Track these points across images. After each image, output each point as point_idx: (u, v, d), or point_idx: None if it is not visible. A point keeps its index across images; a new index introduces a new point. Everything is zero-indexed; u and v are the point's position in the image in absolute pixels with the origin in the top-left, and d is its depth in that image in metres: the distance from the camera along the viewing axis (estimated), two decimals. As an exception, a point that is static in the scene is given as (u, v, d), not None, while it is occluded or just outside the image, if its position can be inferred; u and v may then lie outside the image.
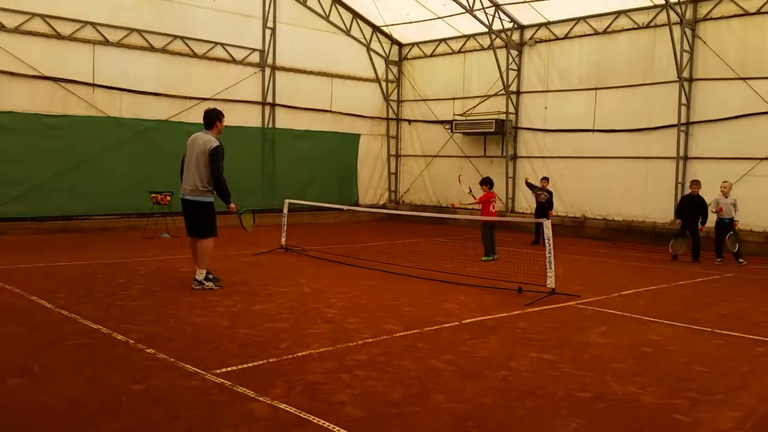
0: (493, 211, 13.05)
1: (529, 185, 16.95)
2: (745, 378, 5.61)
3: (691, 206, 13.86)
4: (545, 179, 16.63)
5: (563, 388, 5.13)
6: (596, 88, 17.75)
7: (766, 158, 14.79)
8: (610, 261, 13.34)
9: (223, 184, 8.77)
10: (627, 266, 12.60)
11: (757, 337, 7.07)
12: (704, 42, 15.72)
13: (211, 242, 8.88)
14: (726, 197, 13.41)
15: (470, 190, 13.45)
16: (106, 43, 16.41)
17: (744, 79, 15.02)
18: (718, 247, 13.46)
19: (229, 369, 5.35)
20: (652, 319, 7.86)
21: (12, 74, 15.04)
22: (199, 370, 5.29)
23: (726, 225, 13.36)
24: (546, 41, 18.94)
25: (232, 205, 9.08)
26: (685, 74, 15.91)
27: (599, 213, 17.88)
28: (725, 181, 13.71)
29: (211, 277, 8.90)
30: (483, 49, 20.30)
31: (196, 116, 17.92)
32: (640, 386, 5.24)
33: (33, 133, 15.34)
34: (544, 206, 16.02)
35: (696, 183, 14.04)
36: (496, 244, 12.98)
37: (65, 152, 15.73)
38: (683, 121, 16.03)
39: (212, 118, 9.01)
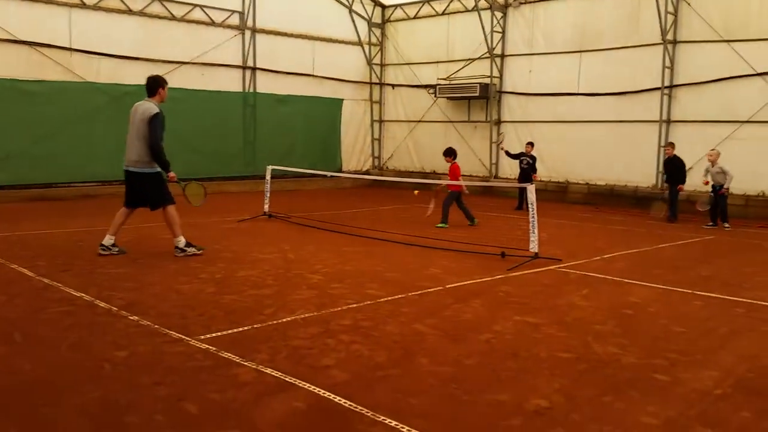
0: (460, 179, 12.91)
1: (508, 154, 16.74)
2: (724, 339, 5.70)
3: (668, 169, 14.29)
4: (530, 144, 16.52)
5: (546, 350, 5.19)
6: (581, 51, 17.68)
7: (748, 121, 14.87)
8: (593, 225, 13.44)
9: (160, 152, 8.47)
10: (609, 230, 12.70)
11: (736, 299, 7.18)
12: (688, 3, 15.65)
13: (172, 209, 8.69)
14: (713, 165, 13.44)
15: (431, 204, 13.06)
16: (83, 6, 16.03)
17: (728, 41, 15.01)
18: (711, 213, 13.50)
19: (214, 335, 5.35)
20: (633, 281, 7.94)
21: (-15, 38, 14.70)
22: (183, 337, 5.28)
23: (716, 192, 13.39)
24: (531, 2, 18.77)
25: (172, 173, 8.77)
26: (669, 36, 15.87)
27: (582, 177, 17.95)
28: (712, 150, 13.73)
29: (185, 244, 8.77)
30: (467, 10, 20.09)
31: (177, 80, 17.74)
32: (621, 347, 5.32)
33: (9, 99, 15.04)
34: (527, 171, 16.02)
35: (669, 145, 14.35)
36: (471, 211, 12.77)
37: (42, 118, 15.45)
38: (667, 84, 16.04)
39: (154, 85, 8.69)
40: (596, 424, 3.85)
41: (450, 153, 12.94)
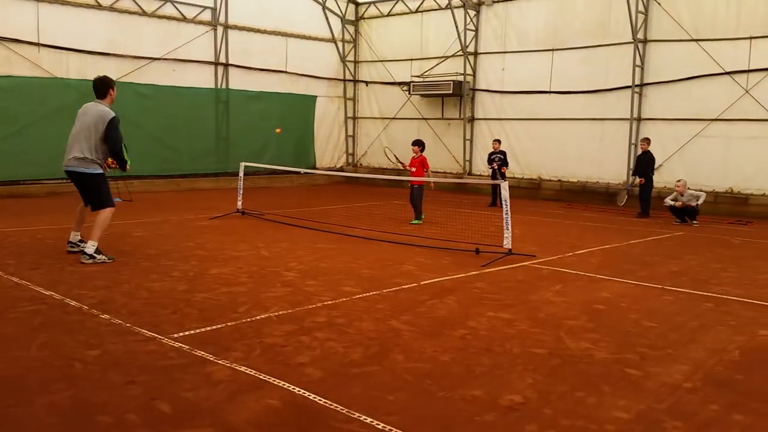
0: (428, 172, 12.79)
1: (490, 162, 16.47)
2: (694, 333, 5.79)
3: (638, 163, 14.67)
4: (497, 141, 16.66)
5: (519, 346, 5.23)
6: (553, 50, 17.83)
7: (716, 119, 15.14)
8: (565, 221, 13.58)
9: (123, 155, 8.19)
10: (581, 226, 12.84)
11: (705, 293, 7.31)
12: (658, 3, 15.87)
13: (108, 213, 8.27)
14: (682, 195, 13.55)
15: (396, 159, 13.27)
16: (51, 0, 15.73)
17: (696, 40, 15.26)
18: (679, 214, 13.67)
19: (187, 333, 5.30)
20: (604, 277, 8.04)
21: (-51, 32, 14.36)
22: (156, 335, 5.22)
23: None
24: (504, 1, 18.87)
25: (127, 168, 8.43)
26: (640, 35, 16.08)
27: (554, 174, 18.12)
28: (678, 181, 13.84)
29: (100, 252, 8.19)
30: (441, 8, 20.15)
31: (147, 77, 17.58)
32: (593, 342, 5.38)
33: (-26, 94, 14.74)
34: (500, 168, 16.14)
35: (644, 140, 14.65)
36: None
37: (10, 115, 15.16)
38: (637, 82, 16.25)
39: (105, 86, 8.38)
40: (569, 419, 3.90)
41: (417, 143, 12.59)
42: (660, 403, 4.18)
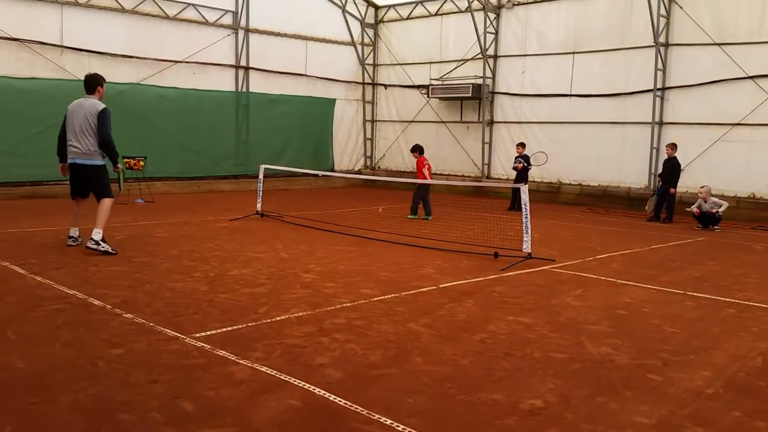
0: (427, 173, 13.75)
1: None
2: (716, 339, 5.74)
3: (664, 168, 14.43)
4: (521, 145, 16.56)
5: (539, 350, 5.21)
6: (574, 53, 17.74)
7: (739, 123, 14.97)
8: (586, 226, 13.50)
9: (113, 146, 8.74)
10: (602, 231, 12.75)
11: (727, 299, 7.23)
12: (680, 7, 15.74)
13: (110, 202, 8.83)
14: (705, 201, 13.40)
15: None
16: (75, 3, 15.95)
17: (719, 44, 15.11)
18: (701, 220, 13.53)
19: (209, 333, 5.35)
20: (626, 282, 7.98)
21: (-24, 35, 14.60)
22: (178, 334, 5.27)
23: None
24: (524, 4, 18.82)
25: (119, 166, 9.01)
26: (662, 39, 15.95)
27: (575, 178, 18.02)
28: (702, 187, 13.65)
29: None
30: (460, 11, 20.13)
31: (169, 80, 17.75)
32: (615, 347, 5.34)
33: (0, 96, 14.92)
34: (522, 173, 16.09)
35: (669, 145, 14.46)
36: (431, 206, 13.64)
37: (33, 116, 15.32)
38: (659, 86, 16.12)
39: (94, 82, 8.98)
40: (590, 424, 3.87)
41: (415, 149, 13.97)
42: (682, 408, 4.15)
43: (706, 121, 15.47)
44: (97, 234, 8.51)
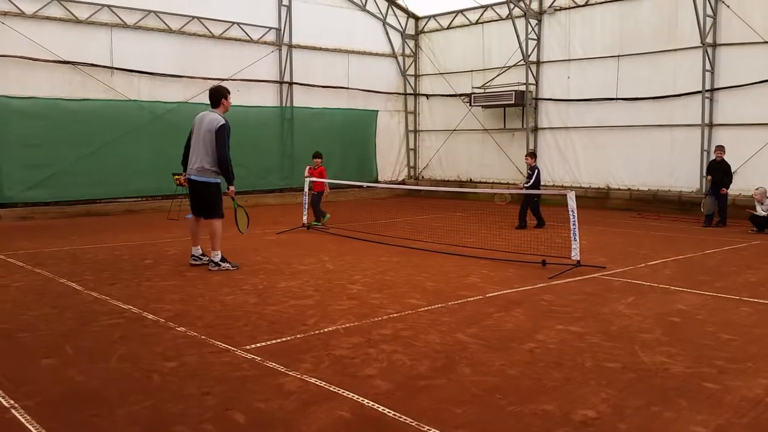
0: (323, 181, 13.75)
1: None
2: (775, 345, 5.55)
3: (714, 171, 13.98)
4: (530, 155, 14.17)
5: (591, 359, 5.12)
6: (619, 56, 17.46)
7: (793, 123, 14.50)
8: (636, 231, 13.22)
9: (227, 163, 8.64)
10: (653, 236, 12.47)
11: (786, 305, 6.99)
12: (728, 6, 15.36)
13: (218, 223, 8.77)
14: (761, 203, 13.04)
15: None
16: (124, 25, 16.46)
17: (770, 42, 14.69)
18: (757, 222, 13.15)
19: (259, 345, 5.42)
20: (679, 288, 7.79)
21: (32, 59, 15.16)
22: (229, 347, 5.37)
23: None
24: (566, 9, 18.62)
25: (232, 188, 8.88)
26: (709, 40, 15.58)
27: (624, 183, 17.69)
28: (757, 189, 13.30)
29: (225, 258, 8.83)
30: (501, 19, 20.05)
31: (215, 97, 18.04)
32: (669, 355, 5.22)
33: (54, 118, 15.49)
34: (532, 187, 13.48)
35: (719, 148, 14.06)
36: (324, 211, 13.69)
37: (86, 136, 15.87)
38: (708, 87, 15.74)
39: (218, 95, 8.86)
40: (645, 434, 3.79)
41: (318, 156, 14.11)
42: (740, 417, 4.03)
43: (758, 122, 15.02)
44: (216, 256, 8.68)
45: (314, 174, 13.71)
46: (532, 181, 13.45)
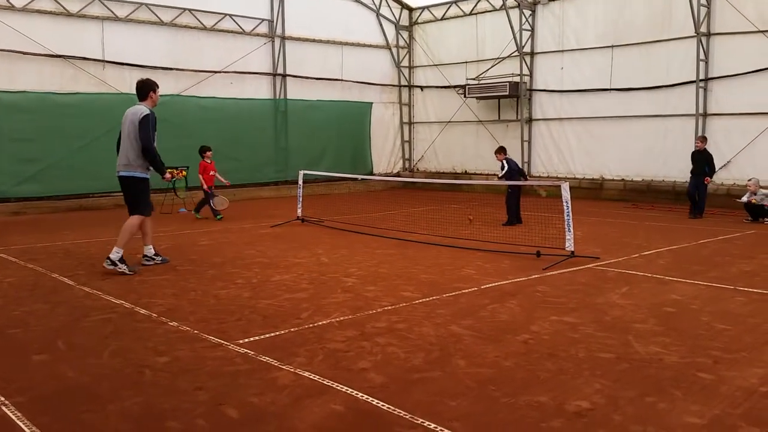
0: (212, 175, 13.94)
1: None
2: (769, 335, 5.56)
3: (696, 161, 13.93)
4: (498, 151, 13.25)
5: (585, 350, 5.11)
6: (612, 46, 17.43)
7: (787, 112, 14.50)
8: (630, 222, 13.23)
9: (153, 153, 8.18)
10: (647, 226, 12.48)
11: (780, 294, 7.00)
12: (721, -5, 15.34)
13: (137, 220, 8.26)
14: (755, 194, 13.05)
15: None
16: (115, 18, 16.33)
17: (763, 31, 14.66)
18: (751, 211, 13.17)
19: (252, 339, 5.40)
20: (673, 278, 7.79)
21: (22, 53, 15.04)
22: (222, 341, 5.34)
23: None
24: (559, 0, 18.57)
25: (168, 176, 8.44)
26: (703, 29, 15.56)
27: (618, 174, 17.69)
28: (750, 180, 13.34)
29: (125, 261, 8.11)
30: (495, 9, 19.98)
31: (208, 90, 18.03)
32: (663, 345, 5.21)
33: (45, 111, 15.38)
34: (511, 184, 12.78)
35: (700, 138, 14.08)
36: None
37: (78, 130, 15.77)
38: (702, 77, 15.73)
39: (146, 88, 8.45)
40: (639, 425, 3.78)
41: (202, 149, 14.02)
42: (735, 408, 4.02)
43: (752, 111, 15.02)
44: (115, 254, 8.00)
45: (210, 168, 13.90)
46: (502, 173, 12.85)
